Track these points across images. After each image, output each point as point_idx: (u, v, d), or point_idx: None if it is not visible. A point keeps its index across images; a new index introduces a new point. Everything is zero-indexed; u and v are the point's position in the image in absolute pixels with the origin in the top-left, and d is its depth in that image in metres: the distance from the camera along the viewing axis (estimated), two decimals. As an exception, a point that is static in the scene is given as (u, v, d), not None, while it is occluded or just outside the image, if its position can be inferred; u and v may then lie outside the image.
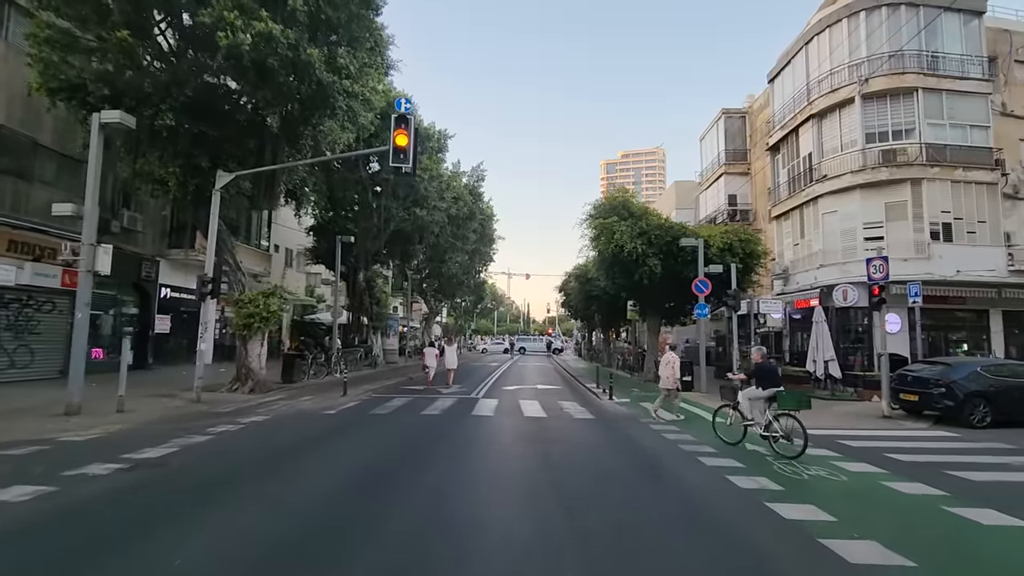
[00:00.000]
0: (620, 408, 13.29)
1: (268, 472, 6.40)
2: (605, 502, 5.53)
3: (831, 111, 20.11)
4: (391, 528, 4.59)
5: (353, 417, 10.87)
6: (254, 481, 5.99)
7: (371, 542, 4.29)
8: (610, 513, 5.16)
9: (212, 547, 4.16)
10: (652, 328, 22.16)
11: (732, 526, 4.88)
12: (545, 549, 4.23)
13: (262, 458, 7.10)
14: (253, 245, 26.20)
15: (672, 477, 6.59)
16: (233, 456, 7.21)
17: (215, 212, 12.85)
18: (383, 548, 4.18)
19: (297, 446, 7.92)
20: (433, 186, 25.92)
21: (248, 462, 6.84)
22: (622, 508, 5.34)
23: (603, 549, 4.28)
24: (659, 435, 9.45)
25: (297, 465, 6.73)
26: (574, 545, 4.32)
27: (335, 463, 6.80)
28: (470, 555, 4.11)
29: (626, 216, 18.98)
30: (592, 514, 5.09)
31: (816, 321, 15.52)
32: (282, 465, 6.75)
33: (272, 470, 6.50)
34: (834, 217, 19.93)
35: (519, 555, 4.11)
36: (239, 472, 6.36)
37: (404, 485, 5.80)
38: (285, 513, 4.97)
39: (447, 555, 4.11)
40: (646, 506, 5.43)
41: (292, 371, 17.15)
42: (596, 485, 6.18)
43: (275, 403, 12.68)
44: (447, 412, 11.72)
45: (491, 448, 8.20)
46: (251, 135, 13.10)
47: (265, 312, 14.74)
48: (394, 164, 12.35)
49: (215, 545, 4.20)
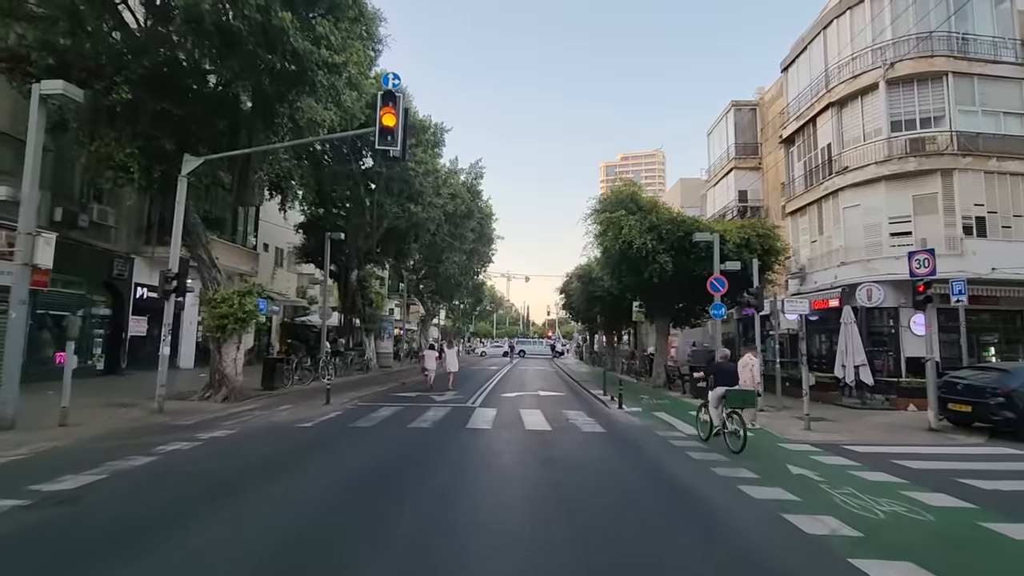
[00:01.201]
0: (632, 419, 11.96)
1: (204, 513, 5.04)
2: (642, 566, 4.19)
3: (852, 98, 18.81)
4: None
5: (330, 432, 9.52)
6: (179, 527, 4.63)
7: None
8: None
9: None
10: (660, 330, 20.84)
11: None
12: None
13: (204, 490, 5.75)
14: (239, 243, 24.87)
15: (719, 520, 5.22)
16: (169, 487, 5.86)
17: (181, 201, 11.52)
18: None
19: (251, 473, 6.55)
20: (429, 181, 24.62)
21: (183, 497, 5.48)
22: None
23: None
24: (684, 454, 8.10)
25: (241, 504, 5.33)
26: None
27: (289, 502, 5.41)
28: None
29: (634, 210, 17.68)
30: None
31: (844, 322, 14.20)
32: (224, 502, 5.40)
33: (210, 510, 5.14)
34: (856, 211, 18.61)
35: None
36: (167, 513, 5.01)
37: (371, 539, 4.45)
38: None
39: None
40: (699, 570, 4.09)
41: (273, 377, 15.81)
42: (624, 532, 4.84)
43: (247, 413, 11.33)
44: (438, 425, 10.37)
45: (486, 473, 6.87)
46: (221, 115, 11.79)
47: (240, 312, 13.43)
48: (380, 147, 11.06)
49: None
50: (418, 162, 22.92)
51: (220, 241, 23.06)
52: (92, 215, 16.71)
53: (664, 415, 12.54)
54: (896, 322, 17.51)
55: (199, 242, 14.35)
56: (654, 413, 12.92)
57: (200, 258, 14.37)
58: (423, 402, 14.13)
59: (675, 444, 8.88)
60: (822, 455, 8.26)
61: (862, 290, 17.42)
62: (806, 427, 10.50)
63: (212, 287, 14.25)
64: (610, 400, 14.90)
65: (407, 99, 23.74)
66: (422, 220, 24.98)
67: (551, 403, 14.78)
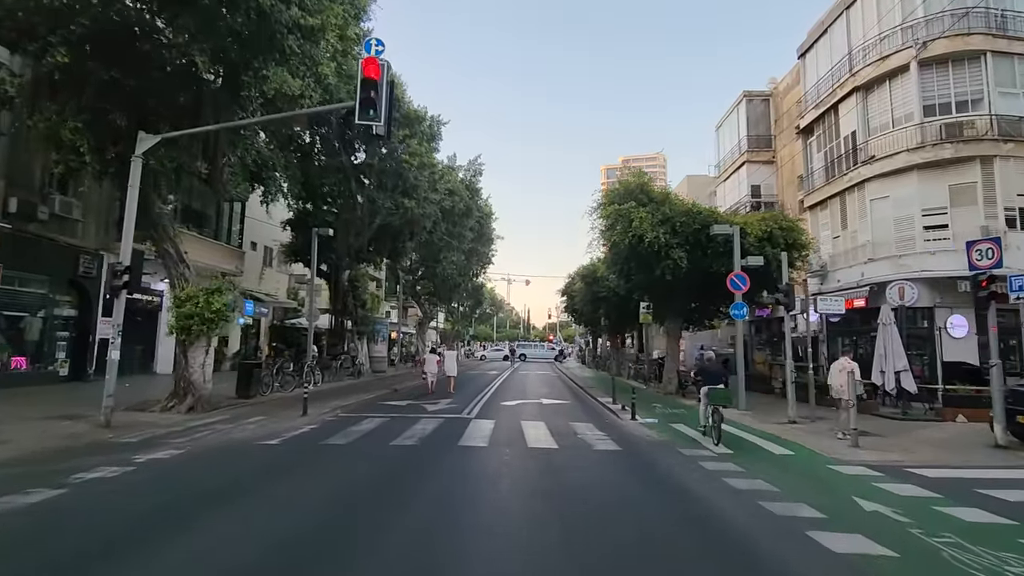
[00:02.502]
0: (648, 432, 10.50)
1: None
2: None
3: (880, 82, 17.42)
4: None
5: (296, 451, 8.07)
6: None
7: None
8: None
9: None
10: (672, 332, 19.39)
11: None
12: None
13: (91, 544, 4.31)
14: (222, 240, 23.48)
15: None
16: (49, 540, 4.40)
17: (134, 184, 10.11)
18: None
19: (165, 517, 5.01)
20: (424, 175, 23.18)
21: (51, 560, 4.03)
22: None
23: None
24: (722, 482, 6.63)
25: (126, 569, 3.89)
26: None
27: (201, 562, 3.99)
28: None
29: (645, 202, 16.25)
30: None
31: (883, 323, 12.75)
32: (105, 564, 3.95)
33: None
34: (885, 204, 17.19)
35: None
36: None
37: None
38: None
39: None
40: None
41: (250, 384, 14.35)
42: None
43: (207, 428, 9.88)
44: (426, 442, 8.92)
45: (477, 514, 5.42)
46: (182, 87, 10.38)
47: (208, 312, 12.01)
48: (361, 121, 9.70)
49: None
50: (412, 154, 21.51)
51: (201, 238, 21.72)
52: (54, 207, 15.30)
53: (683, 428, 11.09)
54: (931, 323, 16.07)
55: (165, 235, 12.94)
56: (671, 425, 11.47)
57: (166, 252, 12.95)
58: (413, 412, 12.69)
59: (706, 467, 7.42)
60: (886, 481, 6.81)
61: (893, 288, 15.99)
62: (853, 443, 9.05)
63: (180, 284, 12.82)
64: (621, 409, 13.45)
65: (400, 87, 22.51)
66: (417, 216, 23.54)
67: (555, 413, 13.33)
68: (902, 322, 13.14)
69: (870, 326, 18.16)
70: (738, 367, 14.66)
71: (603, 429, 10.76)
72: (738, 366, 14.68)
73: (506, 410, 13.58)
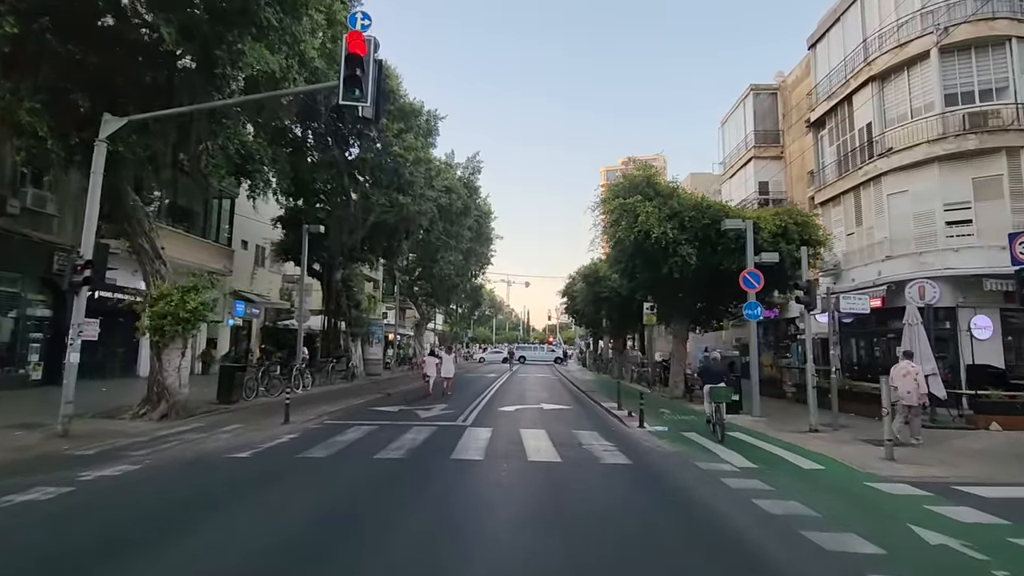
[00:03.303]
0: (659, 442, 9.62)
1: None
2: None
3: (897, 71, 16.60)
4: None
5: (268, 466, 7.20)
6: None
7: None
8: None
9: None
10: (678, 334, 18.52)
11: None
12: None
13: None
14: (210, 238, 22.61)
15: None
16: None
17: (97, 171, 9.26)
18: None
19: (99, 551, 4.18)
20: (420, 171, 22.33)
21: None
22: None
23: None
24: (751, 504, 5.76)
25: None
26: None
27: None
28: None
29: (652, 196, 15.41)
30: None
31: (908, 324, 11.88)
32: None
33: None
34: (904, 198, 16.35)
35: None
36: None
37: None
38: None
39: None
40: None
41: (232, 389, 13.48)
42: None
43: (176, 438, 9.00)
44: (415, 454, 8.05)
45: (468, 550, 4.55)
46: (151, 65, 9.53)
47: (183, 311, 11.14)
48: (346, 102, 8.87)
49: None
50: (408, 148, 20.68)
51: (187, 235, 20.87)
52: (25, 200, 14.49)
53: (697, 437, 10.22)
54: (954, 324, 15.23)
55: (139, 228, 12.09)
56: (683, 433, 10.60)
57: (141, 248, 12.11)
58: (404, 419, 11.82)
59: (730, 485, 6.55)
60: (938, 503, 5.94)
61: (913, 287, 15.13)
62: (887, 456, 8.18)
63: (155, 282, 11.97)
64: (627, 416, 12.58)
65: (395, 79, 21.69)
66: (413, 214, 22.71)
67: (557, 420, 12.46)
68: (929, 322, 12.26)
69: (887, 327, 17.33)
70: (752, 371, 13.79)
71: (609, 438, 9.89)
72: (752, 369, 13.81)
73: (504, 417, 12.72)
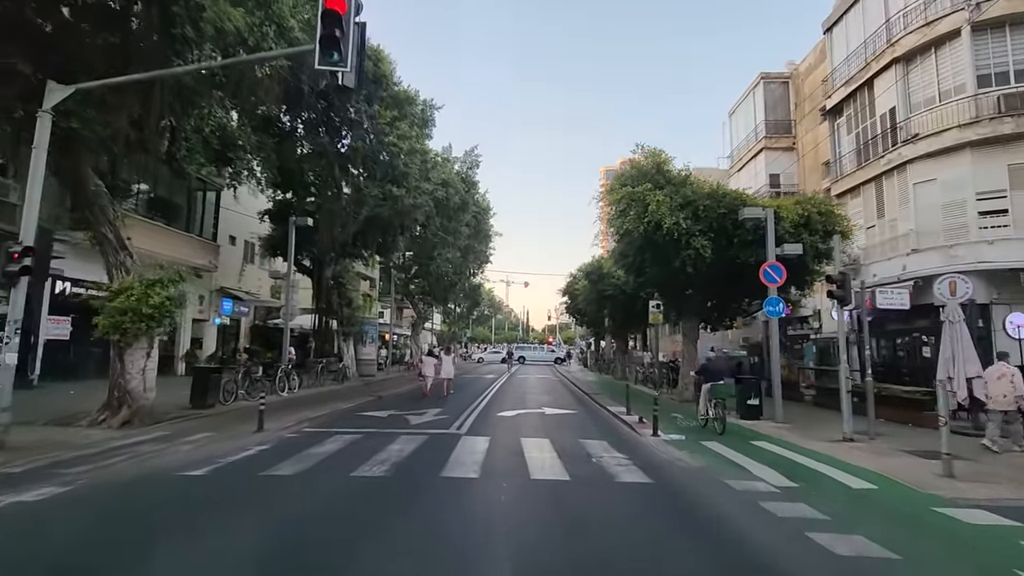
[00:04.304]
0: (677, 454, 8.52)
1: None
2: None
3: (924, 51, 15.53)
4: None
5: (225, 487, 6.10)
6: None
7: None
8: None
9: None
10: (688, 333, 17.40)
11: None
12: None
13: None
14: (194, 232, 21.48)
15: None
16: None
17: (41, 145, 8.15)
18: None
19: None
20: (415, 162, 21.21)
21: None
22: None
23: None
24: (808, 540, 4.65)
25: None
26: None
27: None
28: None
29: (662, 184, 14.31)
30: None
31: (949, 321, 10.78)
32: None
33: None
34: (931, 188, 15.27)
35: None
36: None
37: None
38: None
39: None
40: None
41: (206, 392, 12.35)
42: None
43: (129, 450, 7.89)
44: (400, 471, 6.93)
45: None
46: (103, 26, 8.41)
47: (145, 307, 10.03)
48: (323, 66, 7.78)
49: None
50: (402, 136, 19.55)
51: (169, 229, 19.76)
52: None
53: (719, 447, 9.13)
54: (987, 322, 14.14)
55: (102, 216, 10.99)
56: (702, 443, 9.50)
57: (104, 237, 11.01)
58: (393, 426, 10.71)
59: (774, 512, 5.45)
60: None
61: (942, 283, 13.99)
62: (945, 472, 7.09)
63: (119, 275, 10.86)
64: (638, 422, 11.49)
65: (388, 63, 20.56)
66: (408, 207, 21.57)
67: (561, 426, 11.37)
68: (972, 320, 11.18)
69: (911, 325, 16.26)
70: (773, 374, 12.68)
71: (621, 449, 8.78)
72: (772, 372, 12.70)
73: (503, 423, 11.61)
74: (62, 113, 9.05)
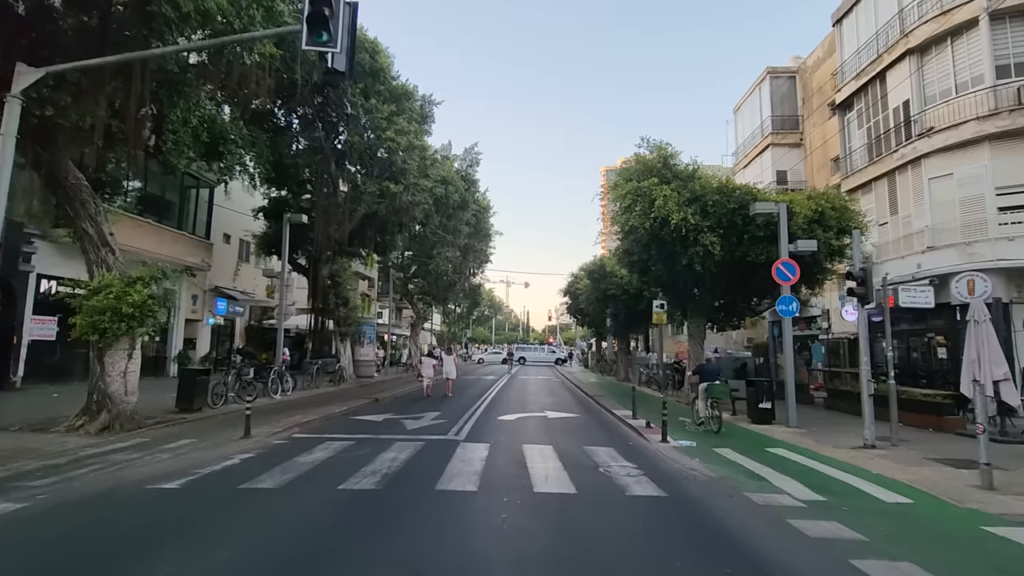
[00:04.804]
0: (689, 462, 7.96)
1: None
2: None
3: (940, 42, 14.99)
4: None
5: (200, 502, 5.55)
6: None
7: None
8: None
9: None
10: (695, 334, 16.83)
11: None
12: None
13: None
14: (186, 230, 20.93)
15: None
16: None
17: (9, 133, 7.59)
18: None
19: None
20: (414, 157, 20.68)
21: None
22: None
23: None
24: (851, 566, 4.12)
25: None
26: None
27: None
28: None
29: (669, 178, 13.76)
30: None
31: (976, 320, 10.19)
32: None
33: None
34: (948, 183, 14.73)
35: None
36: None
37: None
38: None
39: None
40: None
41: (194, 395, 11.81)
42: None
43: (102, 459, 7.34)
44: (392, 483, 6.39)
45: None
46: (78, 6, 7.87)
47: (126, 307, 9.50)
48: (310, 47, 7.27)
49: None
50: (400, 132, 19.03)
51: (160, 226, 19.21)
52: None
53: (734, 454, 8.59)
54: (1008, 322, 13.58)
55: (83, 211, 10.46)
56: (715, 450, 8.96)
57: (84, 232, 10.47)
58: (388, 431, 10.16)
59: (806, 532, 4.91)
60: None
61: (960, 281, 13.39)
62: (985, 484, 6.55)
63: (99, 272, 10.32)
64: (645, 427, 10.95)
65: (386, 56, 20.04)
66: (406, 204, 21.03)
67: (565, 432, 10.82)
68: (999, 319, 10.61)
69: (925, 325, 15.73)
70: (787, 376, 12.11)
71: (630, 457, 8.24)
72: (787, 374, 12.13)
73: (504, 428, 11.06)
74: (36, 100, 8.54)
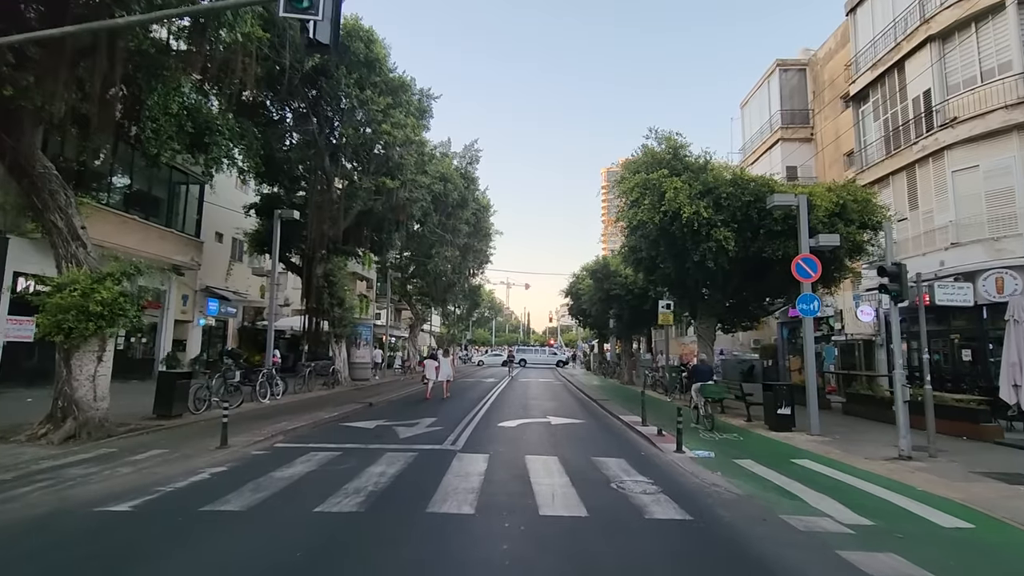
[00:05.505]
0: (709, 474, 7.19)
1: None
2: None
3: (963, 27, 14.25)
4: None
5: (148, 530, 4.78)
6: None
7: None
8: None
9: None
10: (704, 334, 16.05)
11: None
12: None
13: None
14: (175, 227, 20.18)
15: None
16: None
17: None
18: None
19: None
20: (411, 152, 19.94)
21: None
22: None
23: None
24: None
25: None
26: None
27: None
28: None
29: (680, 170, 13.01)
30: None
31: (1016, 319, 9.47)
32: None
33: None
34: (973, 176, 13.98)
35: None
36: None
37: None
38: None
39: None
40: None
41: (172, 400, 11.03)
42: None
43: (53, 473, 6.57)
44: (377, 504, 5.62)
45: None
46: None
47: (94, 305, 8.75)
48: (289, 14, 6.53)
49: None
50: (396, 125, 18.29)
51: (146, 224, 18.45)
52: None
53: (757, 466, 7.81)
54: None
55: (52, 202, 9.70)
56: (736, 462, 8.18)
57: (52, 225, 9.71)
58: (379, 440, 9.40)
59: (859, 565, 4.16)
60: None
61: (988, 279, 12.84)
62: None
63: (69, 267, 9.57)
64: (656, 435, 10.17)
65: (382, 47, 19.28)
66: (403, 201, 20.29)
67: (570, 440, 10.04)
68: (985, 322, 9.84)
69: (947, 326, 14.97)
70: (808, 379, 11.29)
71: (644, 470, 7.46)
72: (808, 377, 11.31)
73: (504, 436, 10.28)
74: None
